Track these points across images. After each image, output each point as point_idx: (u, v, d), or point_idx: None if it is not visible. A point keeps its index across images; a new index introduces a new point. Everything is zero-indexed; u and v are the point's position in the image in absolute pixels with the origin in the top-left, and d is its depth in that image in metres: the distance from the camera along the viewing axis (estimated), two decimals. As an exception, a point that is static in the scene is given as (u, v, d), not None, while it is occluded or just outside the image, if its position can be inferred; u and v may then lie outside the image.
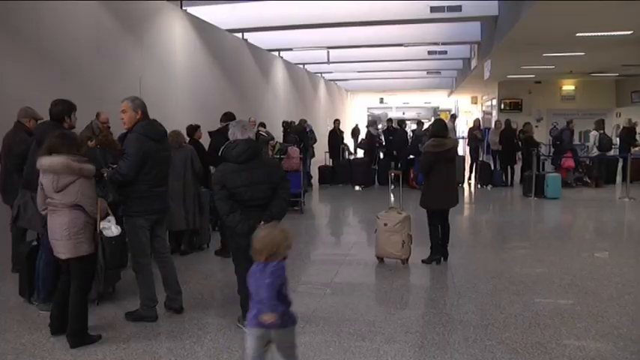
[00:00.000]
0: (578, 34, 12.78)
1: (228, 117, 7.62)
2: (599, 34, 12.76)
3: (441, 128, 6.83)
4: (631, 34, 12.88)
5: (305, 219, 10.36)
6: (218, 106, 11.69)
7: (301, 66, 22.32)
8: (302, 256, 7.53)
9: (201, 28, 12.31)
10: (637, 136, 16.06)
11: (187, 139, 7.94)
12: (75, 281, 4.37)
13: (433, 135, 6.79)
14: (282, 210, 4.61)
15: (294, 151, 10.91)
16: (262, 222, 4.42)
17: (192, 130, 8.13)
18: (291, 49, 18.24)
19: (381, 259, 6.82)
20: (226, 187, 4.44)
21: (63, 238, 4.23)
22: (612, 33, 12.76)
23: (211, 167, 7.10)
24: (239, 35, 15.01)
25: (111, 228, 4.42)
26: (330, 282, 6.20)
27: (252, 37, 15.75)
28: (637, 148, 15.60)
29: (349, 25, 14.59)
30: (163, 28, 10.66)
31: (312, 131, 15.29)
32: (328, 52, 19.18)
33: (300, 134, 13.63)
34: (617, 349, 4.34)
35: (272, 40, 16.64)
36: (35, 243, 5.26)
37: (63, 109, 5.11)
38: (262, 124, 11.37)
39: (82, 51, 8.22)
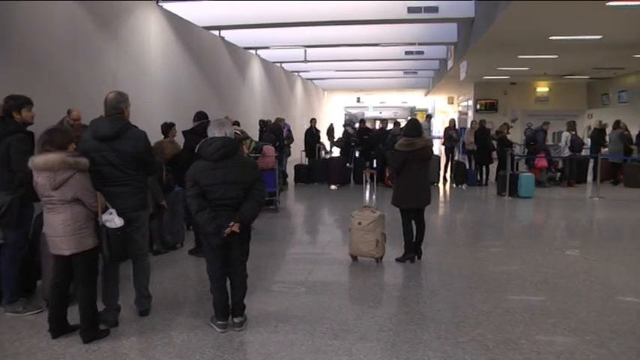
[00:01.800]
0: (551, 38, 13.00)
1: (200, 116, 7.56)
2: (571, 37, 13.00)
3: (413, 128, 6.86)
4: (601, 38, 13.17)
5: (280, 218, 10.34)
6: (194, 103, 11.61)
7: (278, 64, 22.24)
8: (276, 254, 7.51)
9: (177, 24, 12.18)
10: (606, 137, 16.36)
11: (162, 137, 7.89)
12: (81, 276, 4.37)
13: (405, 134, 6.83)
14: (254, 211, 4.56)
15: (269, 149, 10.87)
16: (232, 222, 4.42)
17: (167, 127, 8.05)
18: (268, 48, 18.15)
19: (355, 257, 6.83)
20: (199, 184, 4.40)
21: (66, 234, 4.19)
22: (583, 37, 13.01)
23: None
24: (216, 33, 14.90)
25: (114, 220, 4.34)
26: (304, 281, 6.20)
27: (228, 35, 15.65)
28: (606, 149, 15.91)
29: (326, 24, 14.60)
30: (138, 24, 10.52)
31: (289, 130, 15.27)
32: (305, 51, 19.16)
33: (276, 133, 13.60)
34: (584, 343, 4.45)
35: (249, 37, 16.57)
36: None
37: (11, 105, 4.94)
38: (237, 123, 11.28)
39: (53, 47, 8.06)
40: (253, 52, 18.60)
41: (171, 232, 7.50)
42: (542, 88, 25.71)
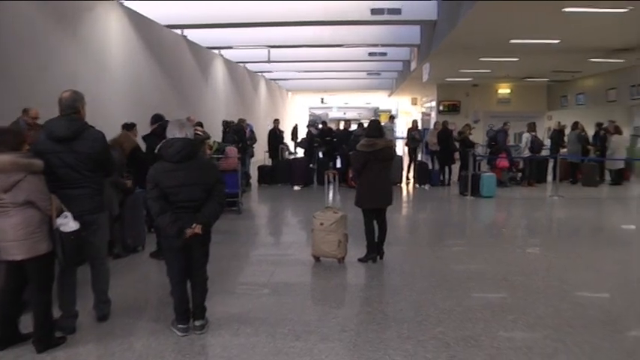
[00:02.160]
0: (511, 41, 13.26)
1: (156, 118, 7.45)
2: (531, 41, 13.28)
3: (374, 129, 6.89)
4: (559, 42, 13.50)
5: (243, 219, 10.25)
6: (155, 103, 11.44)
7: (242, 64, 22.09)
8: (239, 256, 7.46)
9: (139, 22, 11.96)
10: (565, 138, 16.78)
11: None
12: (34, 283, 4.20)
13: (366, 135, 6.86)
14: (215, 213, 4.53)
15: (231, 150, 10.80)
16: (194, 224, 4.36)
17: (128, 128, 7.87)
18: (231, 47, 18.00)
19: (317, 258, 6.82)
20: (159, 186, 4.33)
21: (18, 239, 4.02)
22: (543, 41, 13.32)
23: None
24: (178, 32, 14.70)
25: (68, 223, 4.17)
26: (267, 282, 6.16)
27: (191, 34, 15.46)
28: (565, 150, 16.33)
29: (290, 25, 14.57)
30: (98, 21, 10.29)
31: (252, 131, 15.18)
32: (269, 51, 19.09)
33: (238, 134, 13.51)
34: (541, 338, 4.56)
35: (212, 37, 16.39)
36: None
37: None
38: (200, 124, 11.17)
39: (6, 44, 7.82)
40: (217, 51, 18.44)
41: (132, 234, 7.35)
42: (504, 90, 26.21)
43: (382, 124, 17.66)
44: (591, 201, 13.29)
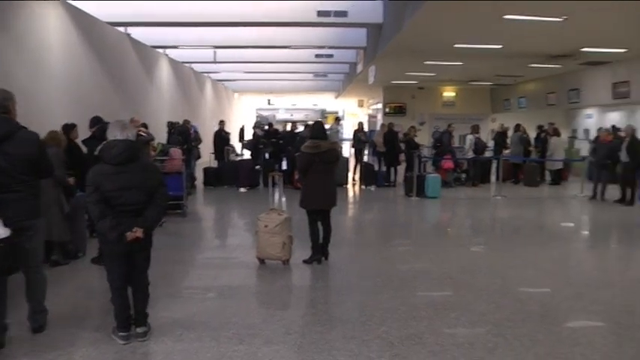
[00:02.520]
0: (455, 45, 13.55)
1: (95, 121, 7.23)
2: (474, 46, 13.61)
3: (319, 130, 6.91)
4: (501, 48, 13.90)
5: (188, 222, 10.06)
6: (98, 103, 11.10)
7: (187, 65, 21.73)
8: (184, 260, 7.30)
9: (79, 18, 11.50)
10: (507, 140, 17.29)
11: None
12: None
13: (311, 137, 6.86)
14: (157, 217, 4.44)
15: (175, 152, 10.60)
16: (135, 228, 4.23)
17: (68, 128, 7.59)
18: (176, 47, 17.67)
19: (262, 260, 6.76)
20: (100, 189, 4.17)
21: None
22: (486, 46, 13.67)
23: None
24: (121, 29, 14.30)
25: None
26: (211, 286, 6.07)
27: (135, 32, 15.07)
28: (508, 151, 16.82)
29: (236, 25, 14.43)
30: (35, 17, 9.86)
31: (196, 132, 14.95)
32: (215, 52, 18.87)
33: (183, 135, 13.27)
34: (483, 334, 4.67)
35: (157, 36, 16.01)
36: None
37: None
38: (144, 125, 10.91)
39: None
40: (162, 51, 18.07)
41: (73, 239, 7.07)
42: (449, 93, 26.77)
43: (329, 126, 17.86)
44: (532, 200, 13.76)
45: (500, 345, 4.41)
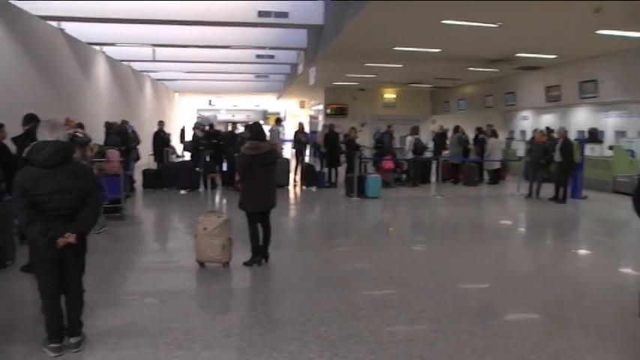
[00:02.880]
0: (395, 48, 13.76)
1: (29, 118, 6.93)
2: (414, 49, 13.87)
3: (258, 131, 6.86)
4: (440, 51, 14.23)
5: (126, 225, 9.77)
6: (29, 102, 10.58)
7: (126, 63, 21.12)
8: (121, 265, 7.11)
9: (5, 11, 10.94)
10: (447, 141, 17.71)
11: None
12: None
13: (250, 138, 6.80)
14: (90, 222, 4.23)
15: (113, 154, 10.29)
16: (67, 234, 4.06)
17: (-5, 128, 7.23)
18: (114, 44, 17.12)
19: (202, 263, 6.64)
20: (28, 193, 3.95)
21: None
22: (425, 50, 13.95)
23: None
24: (54, 24, 13.70)
25: None
26: (150, 291, 5.92)
27: (69, 28, 14.45)
28: (447, 152, 17.24)
29: (175, 24, 14.11)
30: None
31: (134, 132, 14.56)
32: (154, 50, 18.44)
33: (121, 136, 12.91)
34: (422, 330, 4.78)
35: (93, 32, 15.41)
36: None
37: None
38: (80, 125, 10.52)
39: None
40: (98, 48, 17.48)
41: (1, 247, 6.72)
42: (390, 95, 27.18)
43: (270, 126, 17.76)
44: (471, 199, 14.15)
45: (438, 340, 4.50)
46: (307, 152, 18.84)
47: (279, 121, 17.32)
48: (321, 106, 28.43)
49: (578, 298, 5.88)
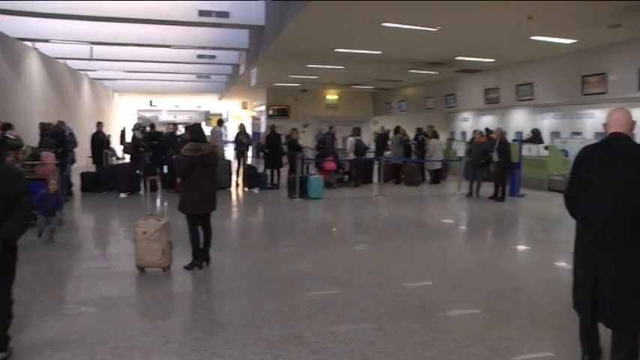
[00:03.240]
0: (336, 50, 13.88)
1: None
2: (354, 51, 14.02)
3: (199, 133, 6.77)
4: (381, 53, 14.44)
5: (63, 231, 9.32)
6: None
7: (61, 61, 20.34)
8: (57, 272, 6.86)
9: None
10: (388, 142, 17.99)
11: None
12: None
13: (191, 139, 6.71)
14: (21, 228, 3.97)
15: (47, 156, 9.93)
16: None
17: None
18: (48, 41, 16.43)
19: (142, 269, 6.49)
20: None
21: None
22: (365, 52, 14.13)
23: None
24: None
25: None
26: (87, 299, 5.71)
27: (-3, 22, 13.81)
28: (388, 152, 17.50)
29: (114, 21, 13.70)
30: None
31: (72, 134, 14.07)
32: (91, 48, 17.88)
33: (58, 137, 12.45)
34: (363, 329, 4.81)
35: (24, 27, 14.73)
36: None
37: None
38: (8, 126, 10.07)
39: None
40: (30, 44, 16.76)
41: None
42: (332, 96, 27.39)
43: (212, 128, 17.52)
44: (413, 199, 14.41)
45: (380, 338, 4.56)
46: (249, 154, 18.73)
47: (221, 122, 17.12)
48: (263, 107, 28.35)
49: (515, 292, 6.08)
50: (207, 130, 13.36)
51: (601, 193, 3.67)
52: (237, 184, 15.66)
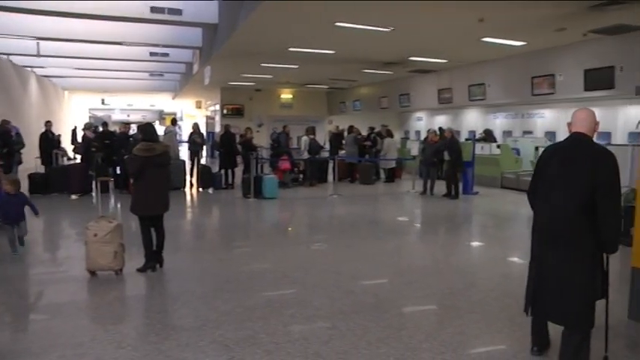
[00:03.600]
0: (290, 49, 13.88)
1: None
2: (308, 50, 14.05)
3: (151, 132, 6.66)
4: (334, 53, 14.52)
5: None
6: None
7: (5, 56, 19.54)
8: (2, 279, 6.58)
9: None
10: (343, 141, 18.09)
11: None
12: None
13: (143, 139, 6.59)
14: None
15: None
16: None
17: None
18: (-12, 35, 15.79)
19: (93, 272, 6.34)
20: None
21: None
22: (319, 51, 14.18)
23: None
24: None
25: None
26: (35, 305, 5.59)
27: None
28: (343, 151, 17.61)
29: (62, 16, 13.25)
30: None
31: (18, 134, 13.61)
32: (38, 44, 17.27)
33: (2, 137, 12.02)
34: (317, 328, 4.85)
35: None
36: None
37: None
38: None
39: None
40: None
41: None
42: (286, 95, 27.40)
43: (166, 127, 17.26)
44: (368, 198, 14.54)
45: (334, 337, 4.59)
46: (204, 153, 18.52)
47: (175, 121, 16.88)
48: (217, 107, 28.10)
49: (468, 287, 6.21)
50: (161, 130, 13.17)
51: (557, 192, 3.77)
52: (192, 185, 15.46)
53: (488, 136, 18.59)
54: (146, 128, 6.77)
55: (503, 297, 5.75)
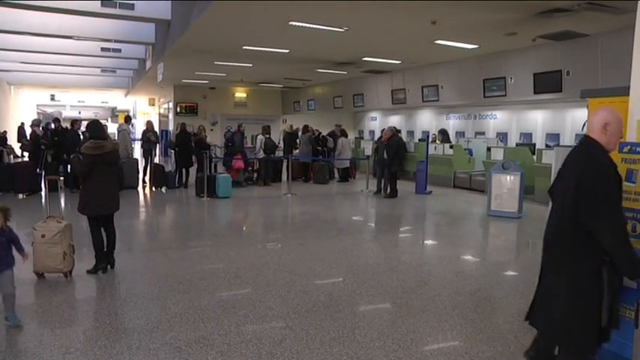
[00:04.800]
0: (244, 47, 13.80)
1: None
2: (262, 49, 14.01)
3: (98, 129, 6.53)
4: (289, 52, 14.52)
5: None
6: None
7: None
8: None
9: None
10: (297, 140, 18.13)
11: None
12: None
13: (91, 137, 6.45)
14: None
15: None
16: None
17: None
18: None
19: (40, 274, 6.18)
20: None
21: None
22: (273, 50, 14.15)
23: None
24: None
25: None
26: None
27: None
28: (297, 151, 17.64)
29: (8, 6, 12.72)
30: None
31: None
32: (-19, 36, 16.64)
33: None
34: (270, 328, 4.88)
35: None
36: None
37: None
38: None
39: None
40: None
41: None
42: (241, 94, 27.24)
43: (119, 125, 16.92)
44: (322, 197, 14.60)
45: (287, 337, 4.62)
46: (157, 152, 18.22)
47: (128, 119, 16.57)
48: (171, 105, 27.70)
49: (421, 285, 6.32)
50: (113, 128, 12.83)
51: (554, 201, 3.58)
52: (145, 184, 15.19)
53: (444, 136, 18.98)
54: (93, 125, 6.61)
55: (455, 295, 5.90)
